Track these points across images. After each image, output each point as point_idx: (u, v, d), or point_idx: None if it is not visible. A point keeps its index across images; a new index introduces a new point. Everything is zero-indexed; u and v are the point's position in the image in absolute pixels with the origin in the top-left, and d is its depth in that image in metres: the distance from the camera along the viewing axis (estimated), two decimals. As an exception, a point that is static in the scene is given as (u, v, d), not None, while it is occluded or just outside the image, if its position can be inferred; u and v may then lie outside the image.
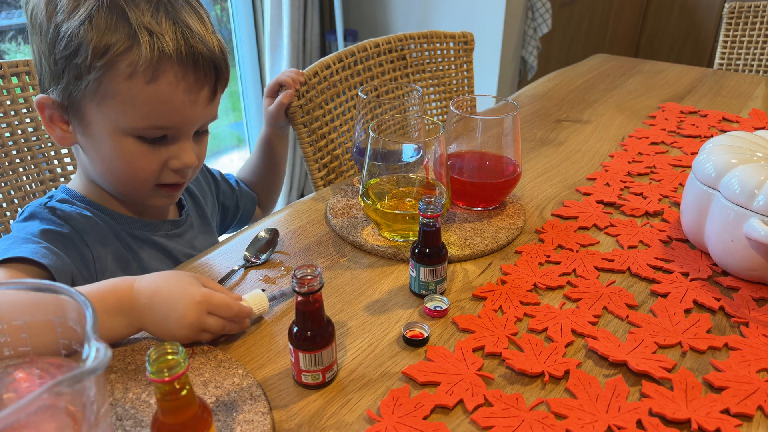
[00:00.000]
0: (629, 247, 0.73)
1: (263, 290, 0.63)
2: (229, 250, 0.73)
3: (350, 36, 2.34)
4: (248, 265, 0.69)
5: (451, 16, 2.15)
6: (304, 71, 0.98)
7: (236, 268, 0.68)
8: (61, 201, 0.69)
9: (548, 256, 0.71)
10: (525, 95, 1.32)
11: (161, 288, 0.54)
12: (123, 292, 0.54)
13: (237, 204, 0.94)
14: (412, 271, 0.63)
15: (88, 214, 0.69)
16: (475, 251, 0.71)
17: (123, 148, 0.64)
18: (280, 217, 0.82)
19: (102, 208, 0.71)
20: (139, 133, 0.64)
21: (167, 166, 0.67)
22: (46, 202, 0.69)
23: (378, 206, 0.71)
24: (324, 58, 1.03)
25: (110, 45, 0.59)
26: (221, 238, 0.79)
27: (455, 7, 2.13)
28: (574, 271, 0.68)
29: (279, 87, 0.94)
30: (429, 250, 0.62)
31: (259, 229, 0.76)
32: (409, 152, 0.77)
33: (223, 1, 2.27)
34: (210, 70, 0.64)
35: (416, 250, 0.62)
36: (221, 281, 0.66)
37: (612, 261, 0.70)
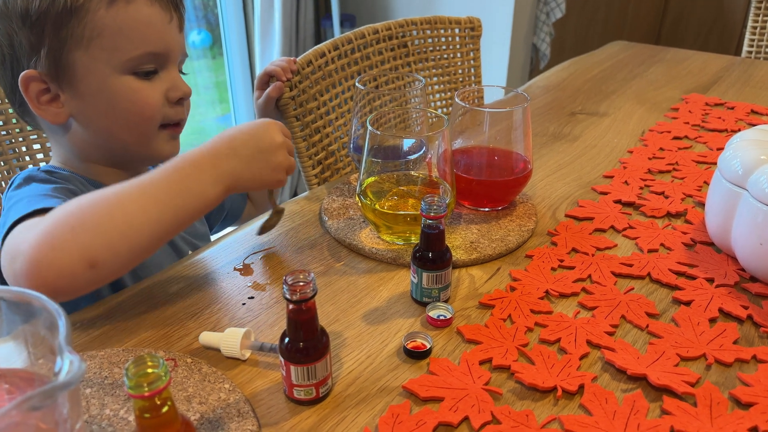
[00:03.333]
0: (649, 251, 0.73)
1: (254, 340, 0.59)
2: (229, 246, 0.74)
3: (347, 22, 2.34)
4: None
5: (457, -1, 2.15)
6: (297, 60, 0.98)
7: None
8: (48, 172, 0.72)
9: (561, 261, 0.71)
10: (537, 86, 1.32)
11: (235, 135, 0.63)
12: (194, 154, 0.61)
13: (222, 203, 0.94)
14: (414, 277, 0.63)
15: (82, 179, 0.73)
16: (482, 255, 0.71)
17: (123, 87, 0.69)
18: (270, 218, 0.82)
19: (91, 181, 0.74)
20: (133, 68, 0.69)
21: (167, 100, 0.72)
22: (39, 168, 0.73)
23: (377, 206, 0.71)
24: (319, 46, 1.04)
25: None
26: (219, 234, 0.80)
27: (461, -10, 2.13)
28: (589, 276, 0.68)
29: (269, 78, 0.94)
30: (432, 254, 0.62)
31: (254, 227, 0.76)
32: (410, 148, 0.77)
33: (209, -17, 2.27)
34: None
35: (418, 254, 0.62)
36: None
37: (631, 266, 0.70)
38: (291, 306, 0.49)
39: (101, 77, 0.68)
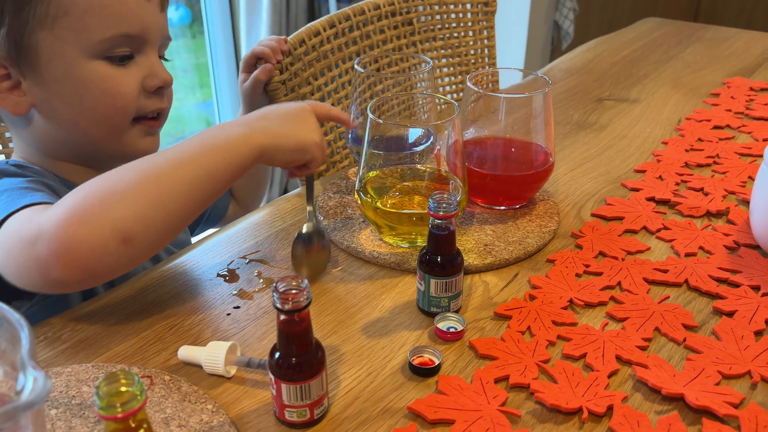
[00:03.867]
0: (687, 255, 0.73)
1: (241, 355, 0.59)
2: (211, 249, 0.74)
3: (344, -4, 2.34)
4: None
5: (469, -29, 2.15)
6: (288, 39, 0.98)
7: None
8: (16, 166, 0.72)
9: (587, 266, 0.71)
10: (559, 68, 1.32)
11: (262, 109, 0.69)
12: (222, 123, 0.65)
13: None
14: (421, 284, 0.63)
15: (54, 177, 0.72)
16: (498, 260, 0.72)
17: (93, 73, 0.68)
18: (258, 217, 0.82)
19: (63, 180, 0.73)
20: (105, 52, 0.68)
21: (144, 89, 0.72)
22: (7, 162, 0.72)
23: (378, 204, 0.71)
24: (312, 23, 1.04)
25: None
26: (200, 237, 0.80)
27: (473, -39, 2.13)
28: (619, 284, 0.68)
29: (256, 60, 0.94)
30: (441, 259, 0.62)
31: (240, 227, 0.77)
32: (416, 138, 0.77)
33: (188, -47, 2.28)
34: None
35: (425, 259, 0.62)
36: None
37: (666, 272, 0.70)
38: (282, 316, 0.49)
39: (68, 62, 0.67)
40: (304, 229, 0.72)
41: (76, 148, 0.74)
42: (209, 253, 0.75)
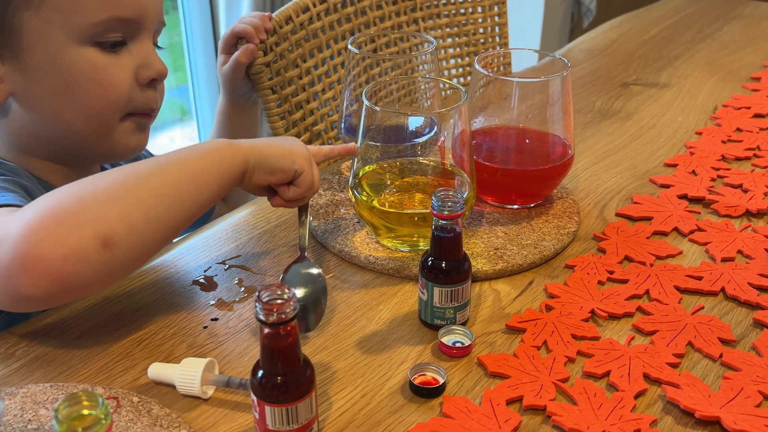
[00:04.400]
0: (724, 260, 0.73)
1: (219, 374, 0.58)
2: (187, 253, 0.74)
3: (337, -33, 2.34)
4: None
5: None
6: (273, 16, 0.98)
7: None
8: None
9: (611, 273, 0.71)
10: (579, 49, 1.32)
11: (258, 140, 0.69)
12: (216, 146, 0.65)
13: None
14: (423, 293, 0.63)
15: (30, 176, 0.72)
16: (510, 265, 0.72)
17: (82, 61, 0.68)
18: (239, 217, 0.82)
19: (40, 181, 0.73)
20: (96, 37, 0.68)
21: (138, 81, 0.72)
22: None
23: (375, 203, 0.71)
24: (300, -2, 1.04)
25: None
26: (175, 239, 0.80)
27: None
28: (647, 292, 0.68)
29: (237, 40, 0.94)
30: (446, 264, 0.62)
31: (221, 227, 0.76)
32: (418, 128, 0.77)
33: None
34: None
35: (428, 264, 0.62)
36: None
37: (700, 279, 0.70)
38: (266, 330, 0.49)
39: (55, 47, 0.67)
40: (300, 294, 0.66)
41: (56, 144, 0.73)
42: (184, 257, 0.75)
